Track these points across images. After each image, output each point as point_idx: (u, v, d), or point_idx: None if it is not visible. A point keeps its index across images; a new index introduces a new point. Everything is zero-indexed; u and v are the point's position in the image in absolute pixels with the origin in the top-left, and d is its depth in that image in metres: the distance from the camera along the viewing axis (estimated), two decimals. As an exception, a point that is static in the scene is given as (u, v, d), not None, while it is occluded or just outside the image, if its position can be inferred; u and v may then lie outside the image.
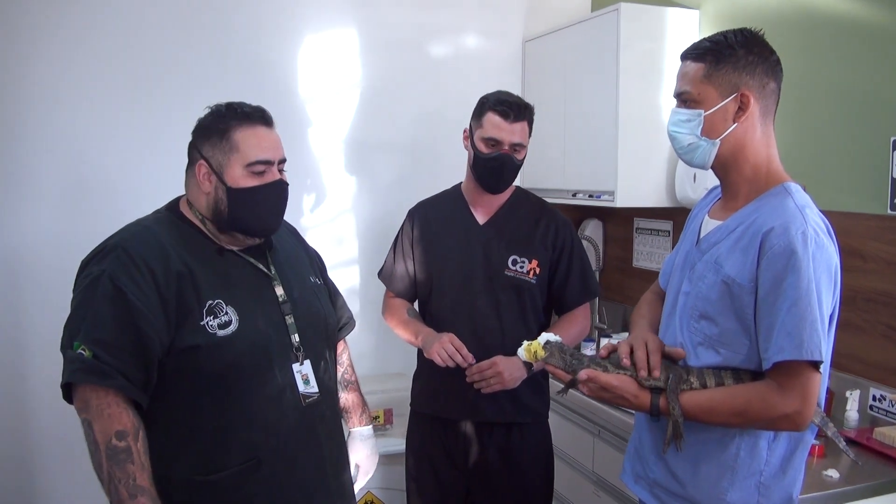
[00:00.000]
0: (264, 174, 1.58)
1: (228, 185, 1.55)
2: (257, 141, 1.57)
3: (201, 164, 1.57)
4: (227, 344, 1.50)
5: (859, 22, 2.31)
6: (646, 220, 3.33)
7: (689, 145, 1.53)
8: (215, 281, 1.54)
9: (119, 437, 1.39)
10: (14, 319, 2.80)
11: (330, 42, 3.20)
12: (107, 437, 1.38)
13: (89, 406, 1.40)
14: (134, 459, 1.39)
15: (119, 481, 1.37)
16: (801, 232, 1.40)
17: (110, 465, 1.38)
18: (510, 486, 2.22)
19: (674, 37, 2.91)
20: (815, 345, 1.37)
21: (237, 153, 1.55)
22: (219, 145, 1.55)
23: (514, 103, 2.12)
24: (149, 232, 1.54)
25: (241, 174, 1.55)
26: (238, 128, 1.56)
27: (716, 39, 1.50)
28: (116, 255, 1.47)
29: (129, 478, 1.38)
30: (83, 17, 2.80)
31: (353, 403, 1.96)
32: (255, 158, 1.55)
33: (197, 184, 1.59)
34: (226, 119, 1.57)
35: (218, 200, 1.56)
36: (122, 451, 1.38)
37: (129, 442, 1.39)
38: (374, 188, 3.33)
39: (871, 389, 2.26)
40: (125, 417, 1.40)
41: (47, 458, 2.86)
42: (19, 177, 2.78)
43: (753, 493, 1.51)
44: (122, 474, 1.38)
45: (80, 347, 1.40)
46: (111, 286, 1.43)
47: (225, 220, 1.57)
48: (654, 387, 1.52)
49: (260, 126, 1.59)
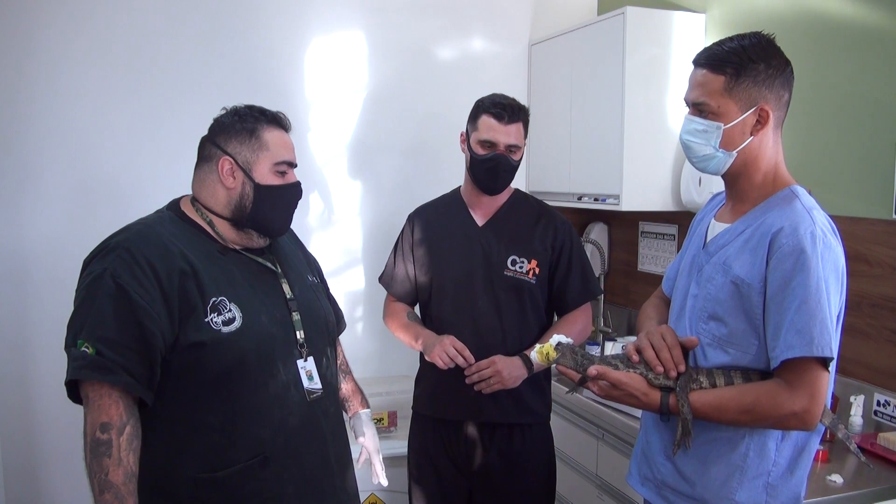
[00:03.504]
0: (286, 175, 1.64)
1: (256, 181, 1.60)
2: (284, 143, 1.65)
3: (225, 160, 1.59)
4: (231, 341, 1.51)
5: (865, 27, 2.31)
6: (651, 223, 3.33)
7: (705, 156, 1.53)
8: (219, 278, 1.55)
9: (103, 429, 1.38)
10: (19, 319, 2.81)
11: (335, 45, 3.20)
12: (93, 430, 1.38)
13: (88, 401, 1.41)
14: (112, 454, 1.38)
15: (94, 475, 1.37)
16: (809, 232, 1.41)
17: (91, 459, 1.38)
18: (512, 488, 2.22)
19: (680, 40, 2.92)
20: (826, 342, 1.38)
21: (267, 151, 1.61)
22: (247, 143, 1.60)
23: (509, 105, 2.14)
24: (151, 230, 1.55)
25: (268, 172, 1.61)
26: (268, 129, 1.62)
27: (733, 49, 1.48)
28: (118, 253, 1.47)
29: (103, 472, 1.37)
30: (88, 19, 2.81)
31: (352, 390, 1.98)
32: (281, 158, 1.62)
33: (217, 180, 1.61)
34: (254, 119, 1.62)
35: (243, 196, 1.60)
36: (103, 444, 1.38)
37: (111, 435, 1.38)
38: (379, 191, 3.33)
39: (876, 395, 2.26)
40: (113, 410, 1.40)
41: (52, 458, 2.87)
42: (24, 177, 2.79)
43: (762, 493, 1.51)
44: (98, 468, 1.37)
45: (83, 345, 1.40)
46: (113, 284, 1.44)
47: (247, 216, 1.61)
48: (664, 386, 1.52)
49: (283, 130, 1.66)
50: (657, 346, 1.54)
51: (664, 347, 1.53)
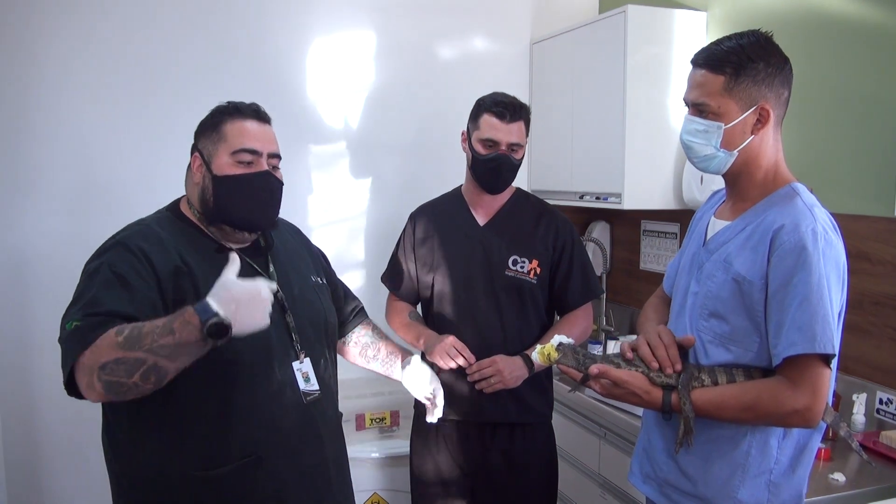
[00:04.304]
0: (251, 165, 1.58)
1: (214, 172, 1.57)
2: (244, 131, 1.59)
3: (195, 157, 1.61)
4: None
5: (866, 24, 2.30)
6: (653, 222, 3.33)
7: (706, 156, 1.53)
8: (214, 278, 1.54)
9: (119, 332, 1.30)
10: (21, 319, 2.82)
11: (338, 45, 3.21)
12: (114, 345, 1.29)
13: (90, 364, 1.30)
14: (139, 324, 1.31)
15: (153, 341, 1.27)
16: (811, 229, 1.41)
17: (138, 347, 1.28)
18: (514, 487, 2.23)
19: (681, 39, 2.92)
20: (828, 339, 1.38)
21: (224, 142, 1.58)
22: (211, 136, 1.59)
23: (510, 104, 2.14)
24: (148, 229, 1.55)
25: (227, 162, 1.57)
26: (229, 120, 1.59)
27: (732, 49, 1.47)
28: (115, 249, 1.48)
29: (153, 330, 1.28)
30: (92, 19, 2.82)
31: (392, 349, 1.99)
32: (239, 146, 1.57)
33: (192, 177, 1.62)
34: (220, 113, 1.61)
35: (205, 189, 1.59)
36: (131, 330, 1.29)
37: (124, 325, 1.32)
38: (382, 190, 3.34)
39: (878, 393, 2.26)
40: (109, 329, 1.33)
41: (54, 455, 2.88)
42: (27, 177, 2.80)
43: (764, 490, 1.51)
44: (149, 337, 1.28)
45: (71, 324, 1.36)
46: (110, 273, 1.43)
47: (211, 209, 1.59)
48: (666, 384, 1.52)
49: (251, 120, 1.61)
50: (653, 344, 1.55)
51: (660, 345, 1.54)
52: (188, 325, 1.27)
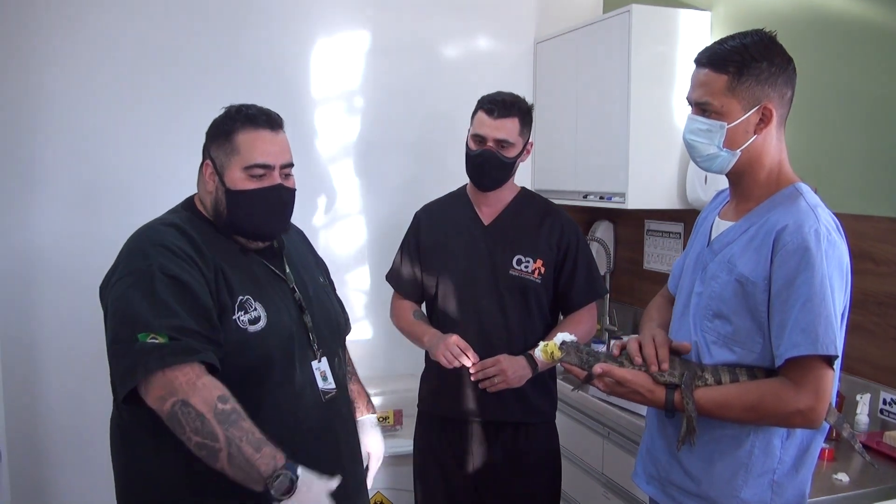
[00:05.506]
0: (263, 178, 1.57)
1: (227, 186, 1.57)
2: (258, 144, 1.57)
3: (207, 164, 1.60)
4: (257, 339, 1.51)
5: (871, 24, 2.30)
6: (657, 222, 3.32)
7: (709, 155, 1.53)
8: (243, 277, 1.56)
9: (222, 400, 1.37)
10: (26, 318, 2.82)
11: (341, 45, 3.21)
12: (211, 405, 1.35)
13: (176, 386, 1.36)
14: (244, 416, 1.38)
15: (240, 440, 1.35)
16: (814, 230, 1.41)
17: (226, 428, 1.35)
18: (517, 487, 2.23)
19: (686, 38, 2.91)
20: (831, 340, 1.38)
21: (237, 155, 1.56)
22: (223, 146, 1.57)
23: (501, 100, 2.13)
24: (178, 228, 1.55)
25: (240, 176, 1.56)
26: (241, 130, 1.56)
27: (735, 48, 1.47)
28: (158, 250, 1.47)
29: (247, 434, 1.36)
30: (96, 19, 2.82)
31: (357, 392, 1.96)
32: (252, 162, 1.56)
33: (204, 182, 1.62)
34: (232, 121, 1.58)
35: (218, 201, 1.59)
36: (232, 412, 1.37)
37: (232, 404, 1.38)
38: (385, 190, 3.34)
39: (882, 393, 2.25)
40: (218, 383, 1.39)
41: (60, 454, 2.88)
42: (32, 176, 2.81)
43: (767, 490, 1.51)
44: (241, 432, 1.36)
45: (148, 337, 1.37)
46: (163, 276, 1.43)
47: (224, 221, 1.59)
48: (669, 383, 1.53)
49: (264, 130, 1.58)
50: (643, 343, 1.56)
51: (650, 345, 1.55)
52: (272, 459, 1.35)
